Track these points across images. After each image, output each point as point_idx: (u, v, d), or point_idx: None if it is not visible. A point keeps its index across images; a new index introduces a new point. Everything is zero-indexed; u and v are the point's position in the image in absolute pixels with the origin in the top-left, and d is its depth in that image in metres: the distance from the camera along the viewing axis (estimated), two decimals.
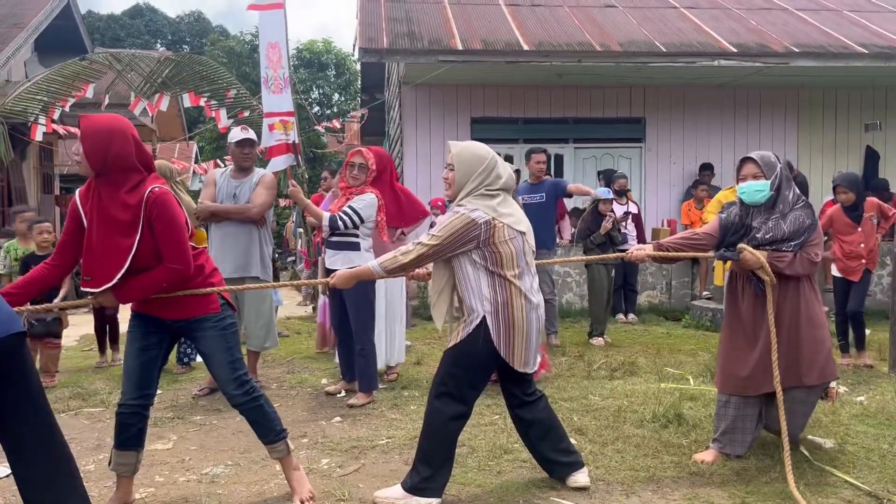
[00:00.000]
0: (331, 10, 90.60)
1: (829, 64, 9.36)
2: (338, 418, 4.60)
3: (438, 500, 3.15)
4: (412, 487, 3.14)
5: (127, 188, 2.94)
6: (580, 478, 3.31)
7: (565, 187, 7.04)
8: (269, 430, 3.24)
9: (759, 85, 10.31)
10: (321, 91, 32.81)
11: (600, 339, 7.12)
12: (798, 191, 3.70)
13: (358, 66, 22.66)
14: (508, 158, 10.31)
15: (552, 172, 10.16)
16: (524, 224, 3.15)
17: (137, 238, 2.91)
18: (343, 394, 5.17)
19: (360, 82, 19.70)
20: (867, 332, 6.39)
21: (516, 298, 3.06)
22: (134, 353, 3.15)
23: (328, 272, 5.00)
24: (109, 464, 3.20)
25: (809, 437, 3.99)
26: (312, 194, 8.09)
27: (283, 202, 18.57)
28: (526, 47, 9.03)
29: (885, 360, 5.95)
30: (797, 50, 9.32)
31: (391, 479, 3.47)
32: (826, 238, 5.60)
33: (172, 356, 6.09)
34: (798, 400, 3.66)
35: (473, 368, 3.13)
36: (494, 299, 3.04)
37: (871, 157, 10.54)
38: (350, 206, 4.91)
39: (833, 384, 4.17)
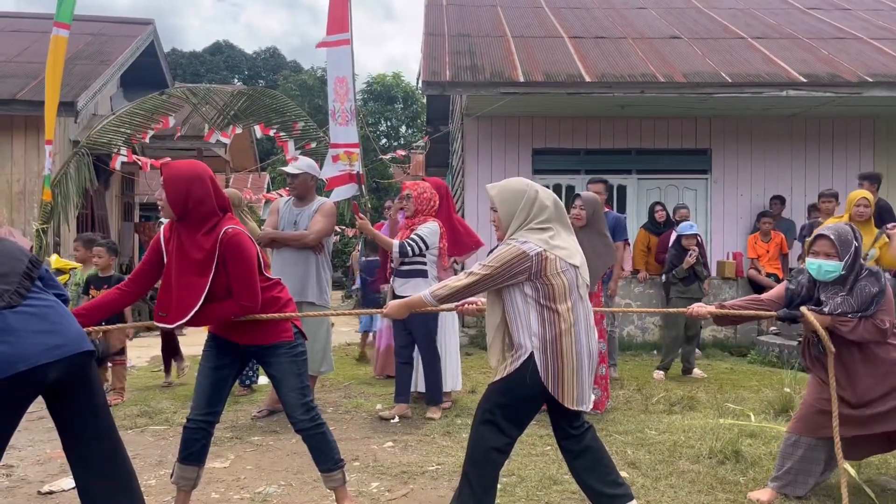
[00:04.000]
0: (401, 44, 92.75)
1: None
2: (390, 443, 4.65)
3: None
4: None
5: (204, 230, 3.11)
6: None
7: (622, 238, 7.09)
8: (328, 457, 3.33)
9: (831, 115, 10.02)
10: (389, 123, 33.49)
11: (662, 373, 7.00)
12: (863, 263, 3.63)
13: (424, 99, 23.09)
14: (570, 189, 10.31)
15: (614, 204, 10.10)
16: (578, 258, 3.09)
17: (210, 277, 3.08)
18: (396, 419, 5.23)
19: (426, 115, 20.05)
20: None
21: (566, 334, 2.98)
22: (206, 371, 3.30)
23: (398, 299, 5.20)
24: (171, 476, 3.32)
25: (881, 476, 3.81)
26: (376, 223, 8.26)
27: (350, 231, 19.00)
28: (588, 79, 9.05)
29: None
30: (870, 79, 9.04)
31: None
32: None
33: None
34: None
35: (520, 403, 3.06)
36: (543, 335, 2.97)
37: None
38: (416, 234, 5.27)
39: None
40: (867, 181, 6.82)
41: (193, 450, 3.26)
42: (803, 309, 3.49)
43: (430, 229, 5.29)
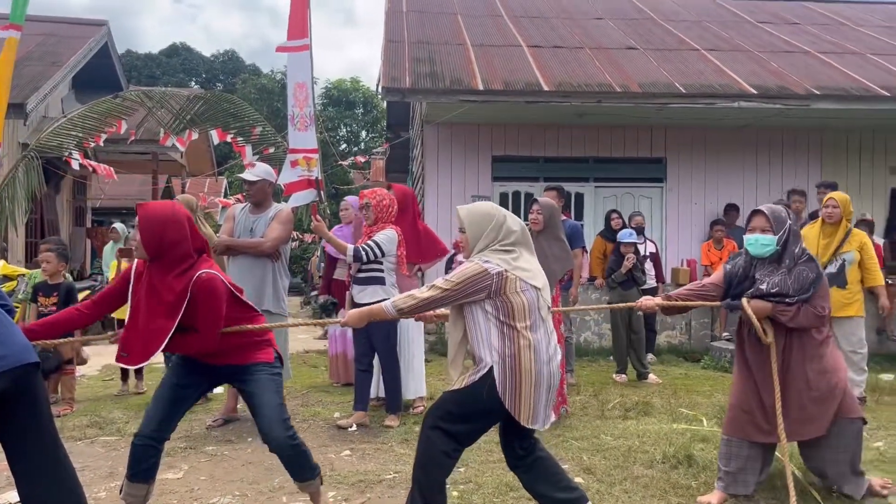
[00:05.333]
0: (361, 49, 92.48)
1: (852, 106, 9.34)
2: (347, 452, 4.63)
3: None
4: None
5: (177, 272, 3.12)
6: None
7: (580, 245, 7.16)
8: (305, 468, 3.34)
9: (781, 127, 10.31)
10: (349, 128, 33.37)
11: (623, 375, 7.21)
12: (804, 246, 3.73)
13: (384, 105, 23.08)
14: (529, 196, 10.40)
15: (572, 211, 10.22)
16: (540, 280, 3.12)
17: (177, 320, 3.07)
18: (354, 427, 5.21)
19: (386, 120, 20.05)
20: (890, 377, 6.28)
21: (525, 350, 3.00)
22: (169, 387, 3.26)
23: (355, 306, 5.21)
24: (120, 492, 3.26)
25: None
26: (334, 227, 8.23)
27: (308, 237, 18.85)
28: (546, 88, 9.16)
29: None
30: (818, 92, 9.32)
31: None
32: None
33: None
34: (830, 445, 3.64)
35: (473, 415, 3.06)
36: (503, 350, 3.00)
37: None
38: (372, 240, 5.25)
39: None
40: (828, 189, 7.08)
41: (143, 467, 3.20)
42: (743, 300, 3.60)
43: (387, 236, 5.27)
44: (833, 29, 12.80)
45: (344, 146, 31.91)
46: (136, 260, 3.28)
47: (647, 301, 3.88)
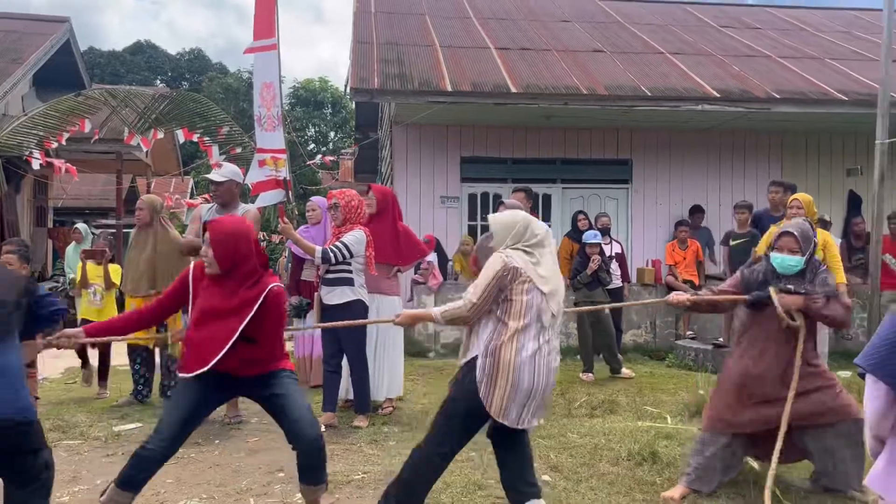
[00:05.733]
0: (329, 49, 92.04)
1: (810, 110, 9.58)
2: None
3: None
4: None
5: (248, 284, 3.22)
6: None
7: None
8: (322, 471, 3.38)
9: (743, 129, 10.52)
10: (317, 129, 33.18)
11: (589, 374, 7.27)
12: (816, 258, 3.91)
13: (353, 105, 23.03)
14: (497, 197, 10.46)
15: (539, 212, 10.31)
16: (550, 286, 3.22)
17: (240, 330, 3.15)
18: (323, 429, 5.19)
19: (354, 121, 20.00)
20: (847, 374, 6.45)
21: (507, 345, 3.09)
22: (185, 405, 3.25)
23: (324, 307, 5.21)
24: (102, 496, 3.19)
25: (785, 475, 4.03)
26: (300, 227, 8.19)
27: (276, 238, 18.71)
28: (514, 90, 9.23)
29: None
30: (779, 96, 9.54)
31: None
32: None
33: (155, 389, 6.13)
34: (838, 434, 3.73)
35: (462, 406, 3.19)
36: (488, 341, 3.13)
37: (854, 202, 10.70)
38: (341, 241, 5.21)
39: None
40: (781, 187, 7.28)
41: (140, 477, 3.18)
42: (772, 290, 3.73)
43: (355, 237, 5.24)
44: (793, 34, 13.10)
45: (312, 146, 31.73)
46: (191, 265, 3.35)
47: (677, 296, 4.03)
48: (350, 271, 5.24)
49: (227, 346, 3.12)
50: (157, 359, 6.11)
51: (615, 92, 9.41)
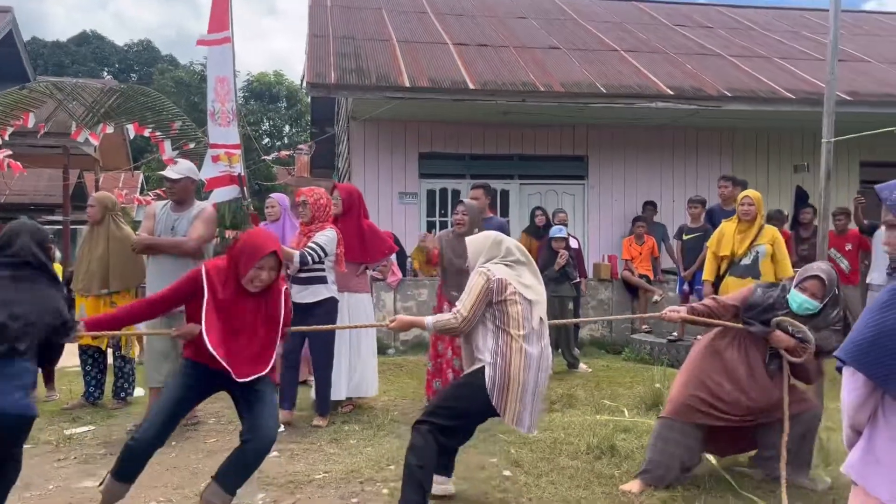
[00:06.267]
0: (283, 42, 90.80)
1: (760, 108, 9.82)
2: (275, 453, 4.55)
3: None
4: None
5: (275, 294, 3.38)
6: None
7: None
8: (243, 480, 3.37)
9: (695, 126, 10.73)
10: (272, 123, 32.75)
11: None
12: (843, 313, 3.89)
13: (308, 100, 22.79)
14: (456, 194, 10.49)
15: (497, 208, 10.36)
16: (533, 294, 3.44)
17: (280, 331, 3.39)
18: (282, 428, 5.14)
19: (310, 115, 19.79)
20: None
21: (517, 355, 3.31)
22: (174, 398, 3.36)
23: (297, 306, 5.16)
24: (100, 485, 3.35)
25: (736, 466, 4.14)
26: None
27: (231, 234, 18.40)
28: (472, 86, 9.24)
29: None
30: (730, 94, 9.76)
31: None
32: None
33: (108, 390, 5.98)
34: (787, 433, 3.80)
35: (464, 410, 3.38)
36: (495, 351, 3.32)
37: (801, 197, 11.02)
38: (315, 242, 5.19)
39: None
40: (730, 182, 7.46)
41: (133, 468, 3.30)
42: (779, 320, 3.77)
43: (328, 237, 5.24)
44: (743, 33, 13.41)
45: (267, 141, 31.31)
46: (203, 268, 3.36)
47: (671, 314, 4.06)
48: (323, 269, 5.26)
49: (276, 353, 3.30)
50: (110, 360, 5.96)
51: (571, 89, 9.50)
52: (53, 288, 3.09)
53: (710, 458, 4.25)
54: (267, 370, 3.30)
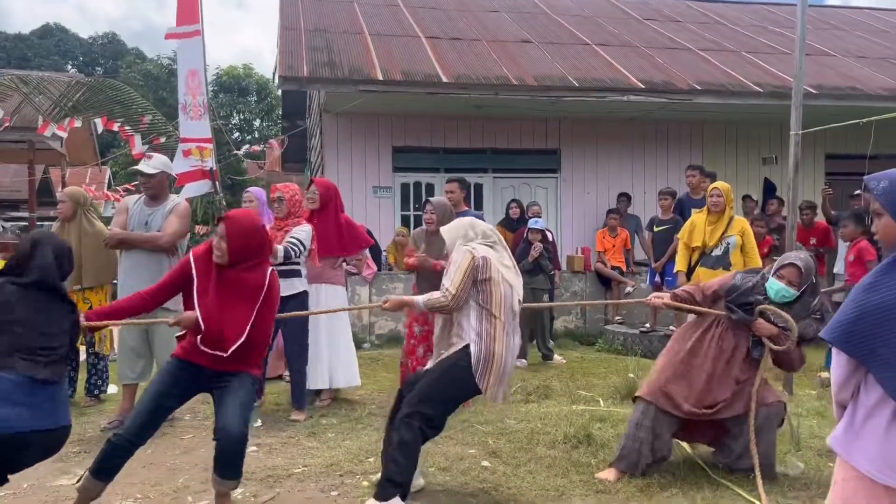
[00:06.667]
0: (253, 35, 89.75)
1: (729, 101, 9.96)
2: (253, 448, 4.54)
3: None
4: (402, 495, 3.35)
5: (256, 271, 3.42)
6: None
7: None
8: (237, 467, 3.34)
9: (666, 119, 10.86)
10: (242, 116, 32.42)
11: (523, 360, 7.35)
12: (823, 302, 3.98)
13: (279, 93, 22.57)
14: (430, 187, 10.49)
15: (471, 202, 10.39)
16: (513, 276, 3.58)
17: (256, 309, 3.37)
18: (259, 423, 5.13)
19: (281, 109, 19.62)
20: None
21: (500, 336, 3.44)
22: (154, 395, 3.36)
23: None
24: (77, 482, 3.36)
25: (708, 452, 4.22)
26: None
27: (202, 229, 18.19)
28: (445, 79, 9.24)
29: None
30: (699, 87, 9.88)
31: None
32: None
33: (81, 387, 5.90)
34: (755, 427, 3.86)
35: (448, 389, 3.45)
36: (480, 331, 3.44)
37: (770, 189, 11.22)
38: (294, 237, 5.26)
39: None
40: (697, 171, 7.59)
41: (111, 464, 3.30)
42: (760, 320, 3.84)
43: (305, 232, 5.31)
44: (712, 27, 13.57)
45: (237, 135, 30.96)
46: (190, 254, 3.49)
47: (655, 299, 4.17)
48: (299, 263, 5.32)
49: (248, 327, 3.29)
50: (83, 357, 5.89)
51: (544, 83, 9.55)
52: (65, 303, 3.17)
53: (685, 445, 4.33)
54: (236, 344, 3.29)
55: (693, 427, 4.07)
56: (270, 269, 3.50)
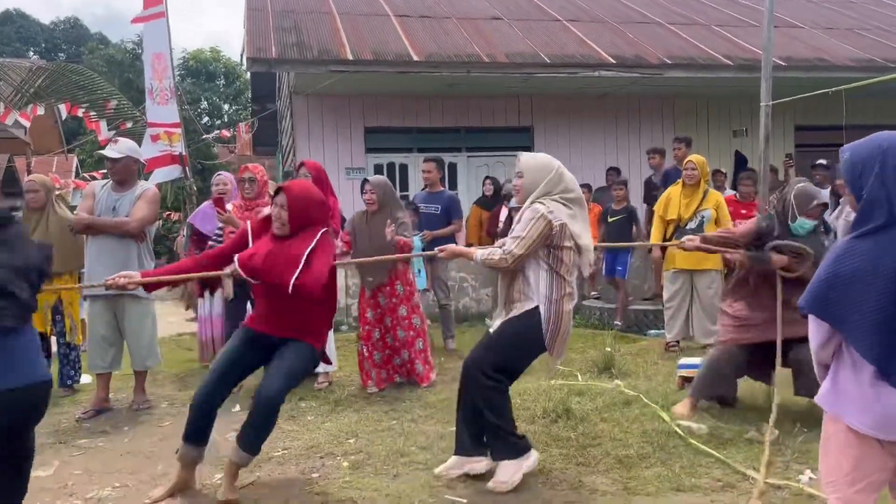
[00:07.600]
0: (219, 18, 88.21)
1: (699, 75, 10.01)
2: (231, 434, 4.50)
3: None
4: (517, 452, 3.46)
5: (308, 239, 3.41)
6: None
7: (458, 217, 7.28)
8: (259, 437, 3.39)
9: (637, 94, 10.88)
10: (210, 101, 31.95)
11: None
12: (834, 238, 4.47)
13: (248, 76, 22.28)
14: (403, 168, 10.44)
15: (446, 181, 10.35)
16: (584, 241, 3.47)
17: (307, 251, 3.35)
18: (238, 408, 5.09)
19: (250, 92, 19.35)
20: None
21: (568, 299, 3.43)
22: (227, 357, 3.48)
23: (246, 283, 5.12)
24: (176, 452, 3.49)
25: (685, 422, 4.27)
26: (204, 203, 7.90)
27: (174, 215, 17.96)
28: (416, 58, 9.16)
29: None
30: (670, 62, 9.91)
31: (287, 489, 3.47)
32: None
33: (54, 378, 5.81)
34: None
35: (516, 347, 3.47)
36: (550, 295, 3.38)
37: (741, 161, 11.33)
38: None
39: None
40: (683, 143, 7.64)
41: (197, 426, 3.42)
42: (773, 255, 4.17)
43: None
44: (681, 2, 13.59)
45: (206, 119, 30.52)
46: (248, 224, 3.61)
47: (689, 242, 4.38)
48: None
49: (301, 265, 3.27)
50: (54, 347, 5.79)
51: (515, 60, 9.51)
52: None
53: (663, 414, 4.38)
54: (292, 281, 3.27)
55: (761, 366, 4.39)
56: (325, 229, 3.51)
